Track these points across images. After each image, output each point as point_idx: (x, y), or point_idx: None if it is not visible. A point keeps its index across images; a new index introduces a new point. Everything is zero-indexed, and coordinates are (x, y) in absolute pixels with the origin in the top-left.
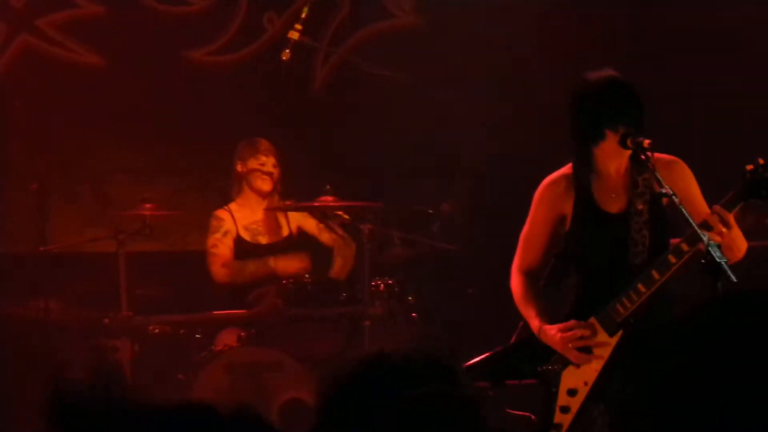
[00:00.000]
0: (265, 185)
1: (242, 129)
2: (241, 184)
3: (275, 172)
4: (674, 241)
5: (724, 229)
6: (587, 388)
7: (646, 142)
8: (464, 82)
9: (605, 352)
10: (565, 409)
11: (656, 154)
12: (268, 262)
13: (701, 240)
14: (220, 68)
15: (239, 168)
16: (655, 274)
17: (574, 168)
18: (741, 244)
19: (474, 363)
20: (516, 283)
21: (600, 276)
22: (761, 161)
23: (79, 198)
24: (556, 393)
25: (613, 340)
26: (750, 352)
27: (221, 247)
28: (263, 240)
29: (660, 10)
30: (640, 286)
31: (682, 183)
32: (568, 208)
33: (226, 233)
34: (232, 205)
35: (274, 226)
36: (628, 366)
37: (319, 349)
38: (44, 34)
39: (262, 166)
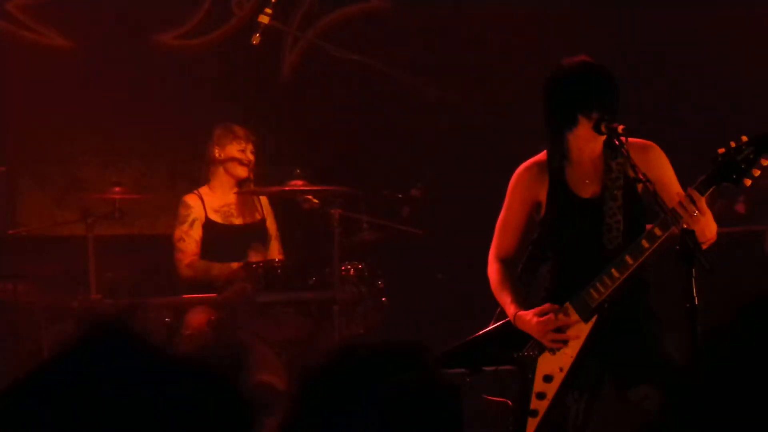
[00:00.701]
0: (244, 172)
1: (211, 113)
2: (217, 168)
3: (252, 159)
4: (649, 226)
5: (696, 213)
6: (563, 374)
7: (620, 127)
8: (433, 67)
9: (580, 338)
10: (541, 396)
11: (630, 139)
12: (232, 267)
13: (675, 224)
14: (189, 52)
15: (217, 153)
16: (629, 259)
17: (548, 154)
18: (713, 228)
19: (451, 349)
20: (492, 270)
21: (575, 261)
22: (732, 144)
23: (48, 181)
24: (533, 379)
25: (588, 326)
26: None
27: (188, 242)
28: (237, 221)
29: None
30: (613, 271)
31: (657, 168)
32: (542, 195)
33: (193, 222)
34: (203, 189)
35: (247, 208)
36: (603, 352)
37: (288, 333)
38: (13, 18)
39: (242, 153)
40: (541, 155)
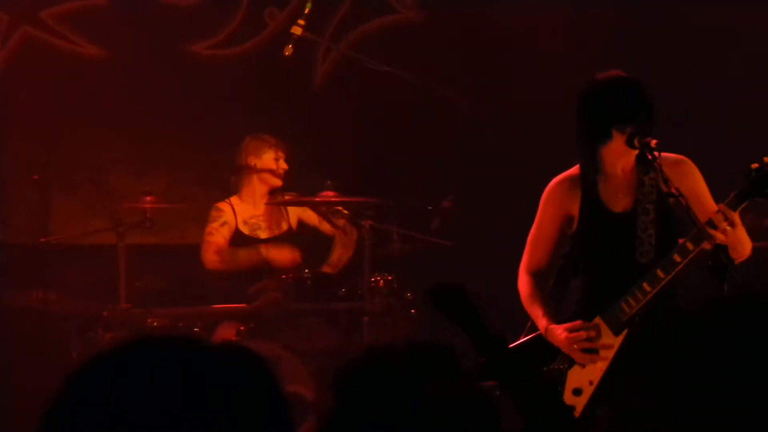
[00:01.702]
0: (277, 181)
1: (243, 123)
2: (250, 178)
3: (285, 167)
4: (681, 240)
5: (728, 228)
6: (592, 388)
7: (653, 142)
8: (465, 78)
9: (610, 352)
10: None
11: (663, 154)
12: (260, 251)
13: (707, 239)
14: (222, 62)
15: (251, 162)
16: (660, 273)
17: (581, 168)
18: (746, 244)
19: (481, 362)
20: (523, 283)
21: (606, 275)
22: (766, 159)
23: (79, 190)
24: (562, 392)
25: (618, 340)
26: (753, 353)
27: (216, 236)
28: (262, 234)
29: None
30: (645, 285)
31: (690, 182)
32: (574, 209)
33: (224, 224)
34: (234, 199)
35: (274, 220)
36: (633, 366)
37: (318, 343)
38: (46, 26)
39: (275, 162)
40: (574, 169)
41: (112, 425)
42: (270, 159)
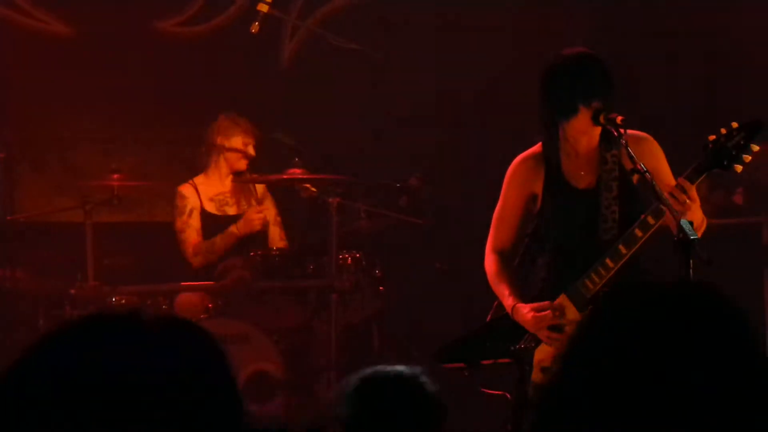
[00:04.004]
0: (243, 165)
1: (211, 101)
2: (218, 157)
3: (253, 155)
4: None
5: (687, 201)
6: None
7: (619, 118)
8: (434, 56)
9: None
10: (538, 387)
11: (625, 131)
12: (233, 231)
13: (673, 213)
14: (189, 39)
15: (219, 141)
16: (623, 248)
17: (544, 146)
18: (698, 216)
19: (448, 344)
20: (489, 262)
21: (571, 253)
22: (723, 131)
23: (47, 167)
24: (530, 370)
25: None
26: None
27: (189, 232)
28: (231, 210)
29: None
30: (608, 260)
31: (652, 159)
32: (538, 187)
33: (191, 212)
34: (198, 178)
35: (244, 196)
36: None
37: (286, 321)
38: (14, 4)
39: (245, 147)
40: (536, 147)
41: (52, 405)
42: (238, 142)
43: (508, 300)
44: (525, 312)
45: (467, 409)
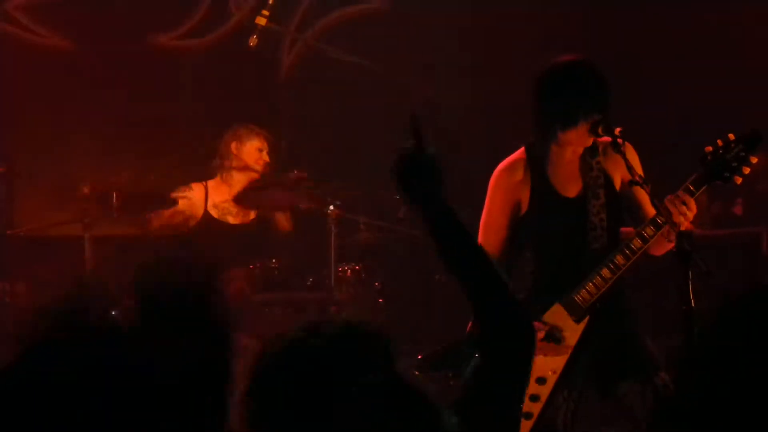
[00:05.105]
0: (255, 174)
1: (209, 114)
2: (232, 163)
3: (267, 160)
4: (629, 229)
5: (687, 212)
6: (556, 376)
7: (617, 129)
8: (431, 69)
9: (573, 339)
10: (534, 398)
11: (603, 138)
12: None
13: (671, 224)
14: (187, 53)
15: (233, 149)
16: (620, 259)
17: (530, 152)
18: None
19: (435, 352)
20: None
21: (558, 261)
22: (720, 142)
23: (46, 182)
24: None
25: (580, 327)
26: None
27: (160, 213)
28: (232, 220)
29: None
30: (605, 271)
31: (636, 166)
32: (524, 194)
33: (176, 212)
34: (212, 182)
35: (245, 208)
36: (588, 350)
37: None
38: (12, 18)
39: (260, 153)
40: (519, 153)
41: (34, 412)
42: (253, 148)
43: None
44: None
45: None
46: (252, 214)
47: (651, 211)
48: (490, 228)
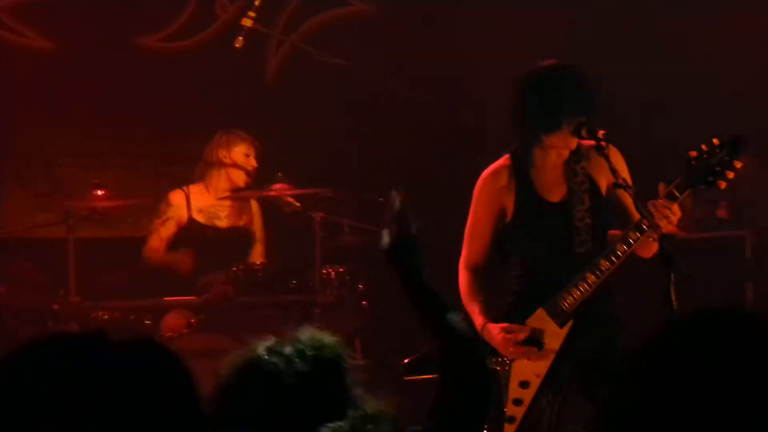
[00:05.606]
0: (243, 183)
1: (195, 115)
2: (219, 171)
3: (255, 165)
4: (616, 232)
5: (671, 216)
6: (539, 380)
7: (601, 132)
8: (415, 71)
9: (556, 344)
10: (518, 402)
11: (586, 142)
12: (185, 264)
13: (655, 229)
14: (173, 54)
15: (221, 155)
16: (605, 263)
17: (515, 158)
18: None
19: (419, 356)
20: (462, 279)
21: (544, 266)
22: (704, 147)
23: (30, 183)
24: (507, 386)
25: (564, 331)
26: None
27: (154, 237)
28: (221, 224)
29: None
30: (589, 275)
31: (620, 169)
32: (509, 200)
33: (167, 221)
34: (193, 187)
35: (236, 211)
36: (579, 355)
37: (269, 336)
38: None
39: (247, 159)
40: (503, 160)
41: (16, 423)
42: (240, 153)
43: (478, 318)
44: (495, 333)
45: None
46: (245, 218)
47: (636, 214)
48: (475, 234)
